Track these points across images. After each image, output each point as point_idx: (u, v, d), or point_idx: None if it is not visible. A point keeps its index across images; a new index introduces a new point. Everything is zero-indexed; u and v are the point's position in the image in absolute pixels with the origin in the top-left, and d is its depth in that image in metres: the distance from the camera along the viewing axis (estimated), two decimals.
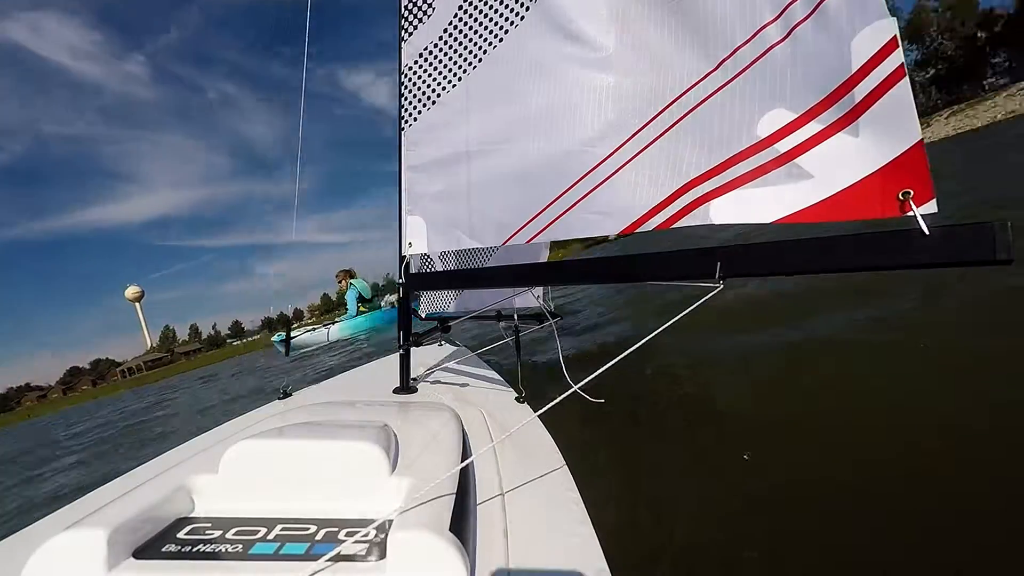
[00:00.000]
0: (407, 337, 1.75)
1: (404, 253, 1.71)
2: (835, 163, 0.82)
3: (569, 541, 0.76)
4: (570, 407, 0.96)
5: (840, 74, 0.80)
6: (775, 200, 0.89)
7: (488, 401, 1.56)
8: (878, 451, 1.76)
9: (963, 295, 2.87)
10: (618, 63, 1.13)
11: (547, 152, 1.28)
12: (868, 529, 1.44)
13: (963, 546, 1.29)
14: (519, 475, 0.97)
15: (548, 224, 1.28)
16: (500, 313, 2.75)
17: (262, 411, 1.67)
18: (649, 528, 1.69)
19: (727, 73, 0.94)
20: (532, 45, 1.29)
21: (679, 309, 0.96)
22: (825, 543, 1.46)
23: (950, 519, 1.38)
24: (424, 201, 1.66)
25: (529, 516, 0.83)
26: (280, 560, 0.70)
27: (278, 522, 0.79)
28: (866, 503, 1.54)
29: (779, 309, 3.81)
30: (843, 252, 0.80)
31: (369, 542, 0.71)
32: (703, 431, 2.39)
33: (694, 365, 3.40)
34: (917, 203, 0.74)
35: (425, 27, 1.56)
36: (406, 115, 1.66)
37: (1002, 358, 2.11)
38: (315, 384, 2.12)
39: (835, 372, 2.55)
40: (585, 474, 0.99)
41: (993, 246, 0.67)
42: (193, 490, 0.86)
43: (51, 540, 0.69)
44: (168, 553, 0.72)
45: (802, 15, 0.84)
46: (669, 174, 1.03)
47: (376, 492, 0.82)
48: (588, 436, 1.99)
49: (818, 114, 0.84)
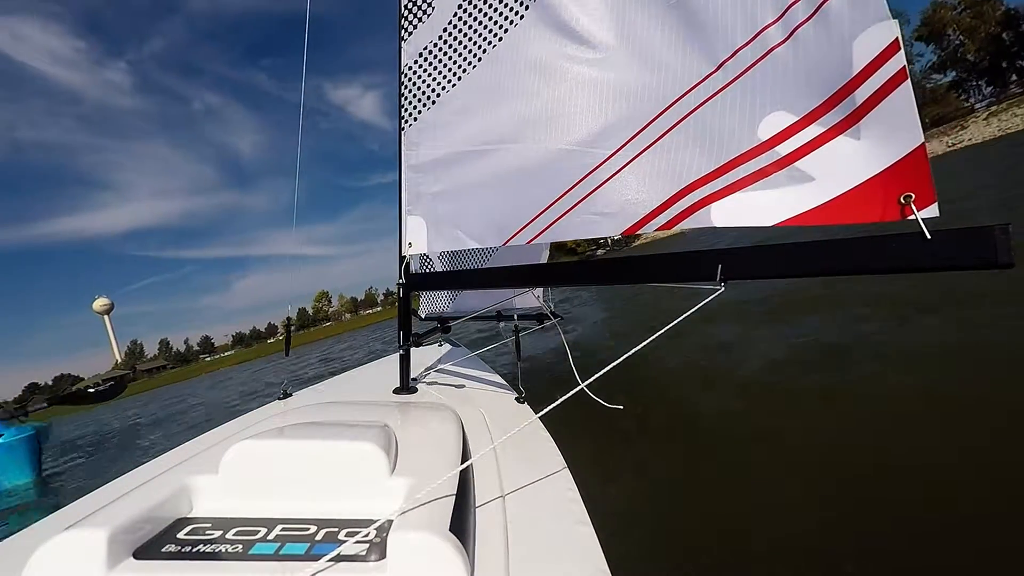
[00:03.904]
0: (407, 337, 1.75)
1: (404, 253, 1.71)
2: (837, 166, 0.82)
3: (569, 541, 0.76)
4: (572, 408, 0.96)
5: (841, 76, 0.79)
6: (776, 203, 0.89)
7: (488, 401, 1.56)
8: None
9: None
10: (618, 63, 1.13)
11: (547, 152, 1.28)
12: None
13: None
14: (519, 475, 0.97)
15: (549, 225, 1.28)
16: (500, 313, 2.75)
17: (262, 411, 1.67)
18: (649, 528, 1.69)
19: (728, 74, 0.94)
20: (532, 45, 1.29)
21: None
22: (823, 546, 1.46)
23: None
24: (424, 201, 1.66)
25: (529, 516, 0.83)
26: (280, 560, 0.70)
27: (278, 522, 0.79)
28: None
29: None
30: (844, 255, 0.80)
31: (369, 542, 0.71)
32: (703, 430, 2.39)
33: (693, 364, 3.40)
34: (919, 207, 0.73)
35: (425, 27, 1.55)
36: (406, 115, 1.65)
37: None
38: (315, 384, 2.12)
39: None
40: (585, 474, 0.99)
41: (995, 250, 0.67)
42: (193, 490, 0.86)
43: (51, 540, 0.69)
44: (168, 553, 0.72)
45: (803, 16, 0.83)
46: (670, 176, 1.03)
47: (376, 492, 0.82)
48: (588, 436, 2.00)
49: (819, 117, 0.84)
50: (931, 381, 2.23)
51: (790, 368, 2.90)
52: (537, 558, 0.72)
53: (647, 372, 3.30)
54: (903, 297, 3.41)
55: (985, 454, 1.62)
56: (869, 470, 1.68)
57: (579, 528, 0.79)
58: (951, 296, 3.12)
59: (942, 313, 2.98)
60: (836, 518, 1.52)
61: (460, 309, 3.00)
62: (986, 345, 2.43)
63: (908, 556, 1.32)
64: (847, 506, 1.56)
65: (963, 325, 2.75)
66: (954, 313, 2.92)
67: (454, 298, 3.04)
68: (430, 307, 3.11)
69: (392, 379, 1.77)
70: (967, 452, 1.65)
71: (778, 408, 2.42)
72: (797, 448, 1.96)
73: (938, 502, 1.47)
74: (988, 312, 2.78)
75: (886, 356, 2.68)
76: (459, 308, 3.01)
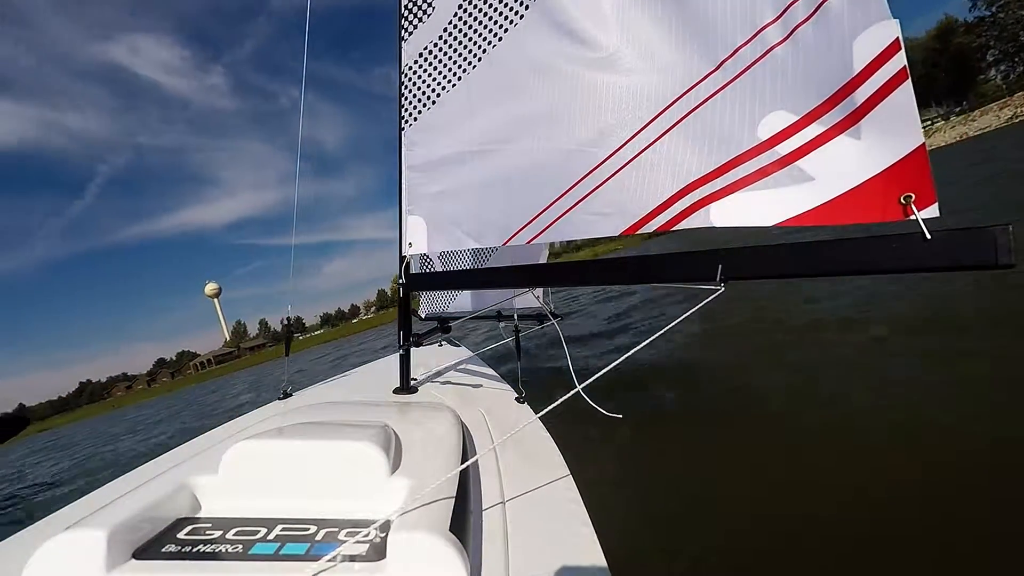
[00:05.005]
0: (407, 337, 1.75)
1: (404, 253, 1.71)
2: (837, 166, 0.82)
3: (569, 541, 0.76)
4: (572, 408, 0.96)
5: (842, 76, 0.79)
6: (777, 203, 0.89)
7: (488, 402, 1.56)
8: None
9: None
10: (618, 63, 1.13)
11: (548, 152, 1.28)
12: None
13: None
14: (519, 475, 0.97)
15: (549, 224, 1.28)
16: (500, 313, 2.75)
17: (262, 411, 1.67)
18: (650, 527, 1.69)
19: (727, 74, 0.94)
20: (532, 44, 1.29)
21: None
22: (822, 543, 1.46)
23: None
24: (424, 201, 1.66)
25: (529, 516, 0.83)
26: (280, 560, 0.70)
27: (278, 522, 0.79)
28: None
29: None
30: (844, 255, 0.79)
31: (369, 542, 0.71)
32: (701, 428, 2.39)
33: (692, 364, 3.40)
34: (919, 207, 0.73)
35: (425, 26, 1.55)
36: (406, 115, 1.65)
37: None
38: (315, 384, 2.12)
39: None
40: (585, 474, 0.99)
41: (995, 250, 0.67)
42: (193, 490, 0.86)
43: (51, 540, 0.69)
44: (168, 553, 0.72)
45: (803, 16, 0.83)
46: (670, 176, 1.03)
47: (376, 492, 0.82)
48: (588, 436, 1.99)
49: (820, 116, 0.83)
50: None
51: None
52: (537, 558, 0.72)
53: (648, 371, 3.29)
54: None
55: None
56: (885, 488, 1.64)
57: (579, 528, 0.79)
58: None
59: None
60: (840, 523, 1.52)
61: (460, 309, 3.00)
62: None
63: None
64: (853, 510, 1.55)
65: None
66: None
67: (454, 298, 3.04)
68: (430, 307, 3.12)
69: (392, 379, 1.77)
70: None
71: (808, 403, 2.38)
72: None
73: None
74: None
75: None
76: (459, 308, 3.01)
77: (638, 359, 0.91)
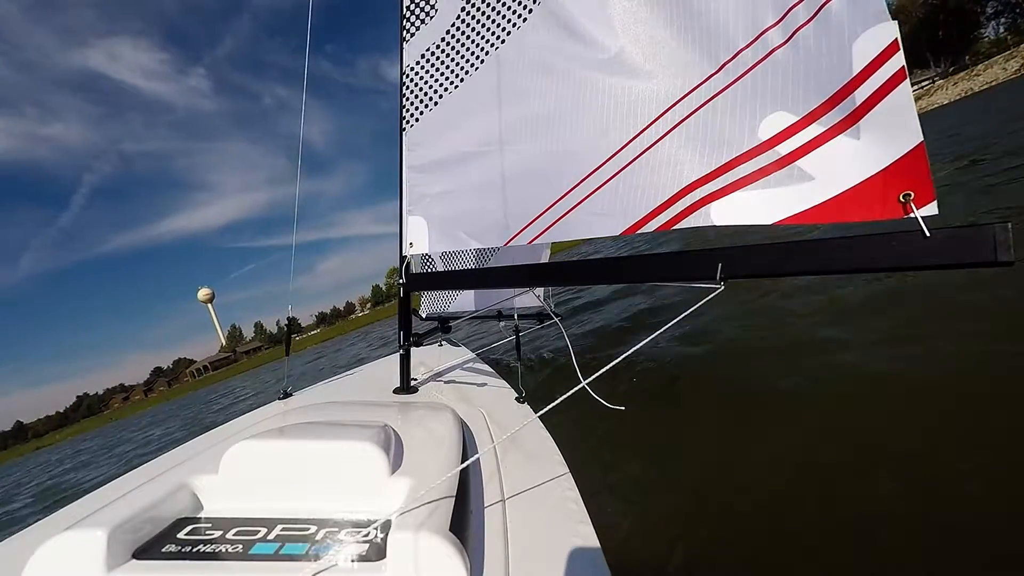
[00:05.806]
0: (407, 337, 1.75)
1: (405, 253, 1.71)
2: (836, 165, 0.83)
3: (569, 541, 0.76)
4: (572, 407, 0.96)
5: (841, 77, 0.80)
6: (777, 202, 0.89)
7: (488, 401, 1.56)
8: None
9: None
10: (620, 64, 1.13)
11: (549, 153, 1.28)
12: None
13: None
14: (519, 475, 0.97)
15: (550, 225, 1.28)
16: (501, 313, 2.75)
17: (262, 411, 1.67)
18: (650, 528, 1.69)
19: (729, 76, 0.94)
20: (535, 46, 1.29)
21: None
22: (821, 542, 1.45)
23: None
24: (425, 201, 1.66)
25: (529, 516, 0.83)
26: (280, 560, 0.70)
27: (278, 522, 0.79)
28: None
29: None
30: (844, 254, 0.80)
31: (369, 542, 0.71)
32: (702, 427, 2.38)
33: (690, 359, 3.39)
34: (918, 205, 0.74)
35: (427, 28, 1.55)
36: (407, 116, 1.66)
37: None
38: (315, 384, 2.12)
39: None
40: (585, 474, 0.99)
41: (994, 248, 0.67)
42: (193, 490, 0.86)
43: (51, 540, 0.69)
44: (168, 553, 0.72)
45: (804, 19, 0.84)
46: (671, 175, 1.03)
47: (376, 492, 0.82)
48: (588, 436, 1.99)
49: (819, 116, 0.84)
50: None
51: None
52: (537, 558, 0.72)
53: (648, 371, 3.29)
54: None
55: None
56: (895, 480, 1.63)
57: (579, 528, 0.79)
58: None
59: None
60: (846, 519, 1.51)
61: (460, 309, 3.00)
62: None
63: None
64: (860, 506, 1.54)
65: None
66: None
67: (455, 298, 3.04)
68: (431, 307, 3.12)
69: (392, 379, 1.77)
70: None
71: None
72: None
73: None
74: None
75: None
76: (459, 308, 3.01)
77: (639, 355, 0.91)
